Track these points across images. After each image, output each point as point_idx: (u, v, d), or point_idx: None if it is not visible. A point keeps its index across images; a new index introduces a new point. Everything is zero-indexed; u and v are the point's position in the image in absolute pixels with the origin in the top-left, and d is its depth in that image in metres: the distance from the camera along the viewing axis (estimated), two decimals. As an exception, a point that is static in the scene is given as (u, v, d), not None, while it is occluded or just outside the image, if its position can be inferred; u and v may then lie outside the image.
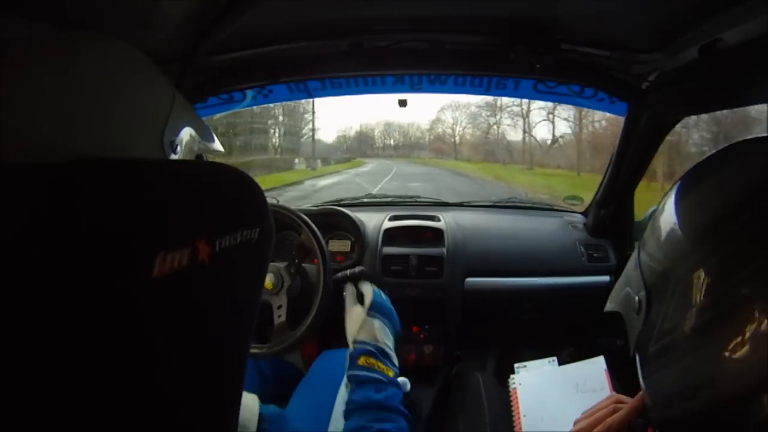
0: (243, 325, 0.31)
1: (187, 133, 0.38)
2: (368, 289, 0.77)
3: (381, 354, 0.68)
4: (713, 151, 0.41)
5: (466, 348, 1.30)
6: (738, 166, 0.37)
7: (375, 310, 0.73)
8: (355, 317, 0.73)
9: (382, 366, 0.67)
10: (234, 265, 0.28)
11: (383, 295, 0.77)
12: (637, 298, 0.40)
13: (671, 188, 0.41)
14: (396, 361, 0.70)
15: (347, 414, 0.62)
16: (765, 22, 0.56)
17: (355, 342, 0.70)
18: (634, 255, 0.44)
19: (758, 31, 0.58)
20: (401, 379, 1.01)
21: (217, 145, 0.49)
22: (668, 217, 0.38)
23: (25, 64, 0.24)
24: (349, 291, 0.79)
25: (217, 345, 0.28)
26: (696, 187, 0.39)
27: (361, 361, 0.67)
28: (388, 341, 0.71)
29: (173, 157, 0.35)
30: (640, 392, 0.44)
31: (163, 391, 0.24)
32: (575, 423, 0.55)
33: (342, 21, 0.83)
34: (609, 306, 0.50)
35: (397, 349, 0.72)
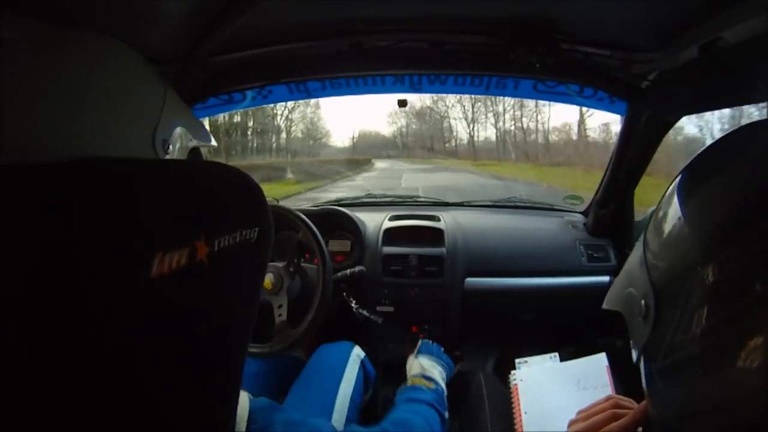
0: (242, 324, 0.31)
1: (179, 131, 0.38)
2: (418, 342, 0.94)
3: (424, 377, 0.82)
4: (725, 134, 0.36)
5: (466, 348, 1.30)
6: (757, 154, 0.32)
7: (422, 352, 0.90)
8: (409, 365, 0.90)
9: (425, 382, 0.81)
10: (233, 265, 0.28)
11: (431, 343, 0.94)
12: (643, 302, 0.36)
13: (677, 177, 0.36)
14: (443, 385, 0.83)
15: (390, 409, 0.73)
16: (765, 22, 0.56)
17: (407, 378, 0.86)
18: (638, 252, 0.39)
19: (758, 31, 0.58)
20: None
21: (212, 141, 0.49)
22: (676, 213, 0.33)
23: (17, 62, 0.24)
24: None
25: (217, 344, 0.28)
26: (707, 178, 0.34)
27: (409, 382, 0.82)
28: (433, 369, 0.85)
29: (166, 155, 0.35)
30: (644, 402, 0.41)
31: (162, 391, 0.24)
32: (570, 424, 0.52)
33: (342, 21, 0.83)
34: (607, 305, 0.46)
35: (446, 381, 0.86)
